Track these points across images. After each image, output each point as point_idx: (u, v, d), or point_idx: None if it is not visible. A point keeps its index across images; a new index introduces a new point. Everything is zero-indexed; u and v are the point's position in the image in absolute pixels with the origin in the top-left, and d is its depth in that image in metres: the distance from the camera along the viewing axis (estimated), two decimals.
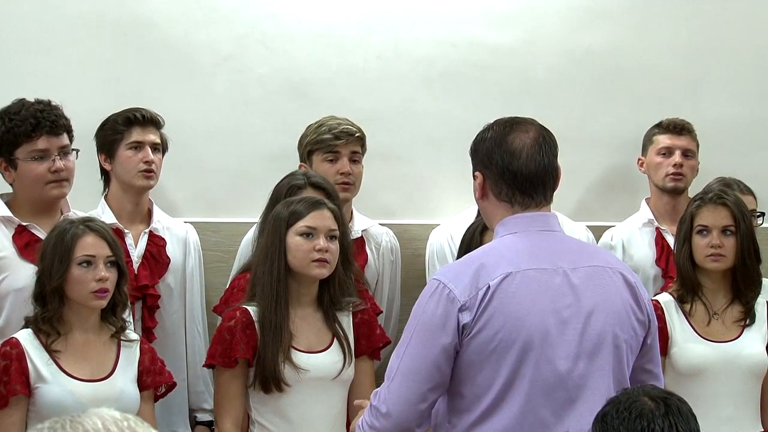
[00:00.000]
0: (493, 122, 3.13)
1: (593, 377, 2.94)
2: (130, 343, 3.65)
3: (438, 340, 2.91)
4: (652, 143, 4.76)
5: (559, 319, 2.92)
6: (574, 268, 2.98)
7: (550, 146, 3.05)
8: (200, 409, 4.34)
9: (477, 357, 2.91)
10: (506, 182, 3.01)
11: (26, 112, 3.91)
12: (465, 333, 2.91)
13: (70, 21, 4.65)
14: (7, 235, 3.93)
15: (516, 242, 2.98)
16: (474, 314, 2.89)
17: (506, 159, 3.01)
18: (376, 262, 4.51)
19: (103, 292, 3.54)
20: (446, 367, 2.93)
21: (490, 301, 2.90)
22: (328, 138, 4.39)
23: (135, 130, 4.20)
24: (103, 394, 3.52)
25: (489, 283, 2.91)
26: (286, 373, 3.62)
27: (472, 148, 3.12)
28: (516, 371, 2.90)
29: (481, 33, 4.96)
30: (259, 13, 4.81)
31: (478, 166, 3.08)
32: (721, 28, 5.14)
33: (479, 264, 2.95)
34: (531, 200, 3.02)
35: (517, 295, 2.91)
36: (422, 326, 2.94)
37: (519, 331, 2.90)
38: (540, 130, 3.07)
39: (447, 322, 2.91)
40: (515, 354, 2.90)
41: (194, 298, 4.34)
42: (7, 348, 3.52)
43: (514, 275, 2.92)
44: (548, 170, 3.04)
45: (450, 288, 2.92)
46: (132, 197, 4.24)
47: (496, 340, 2.89)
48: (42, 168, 3.91)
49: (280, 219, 3.69)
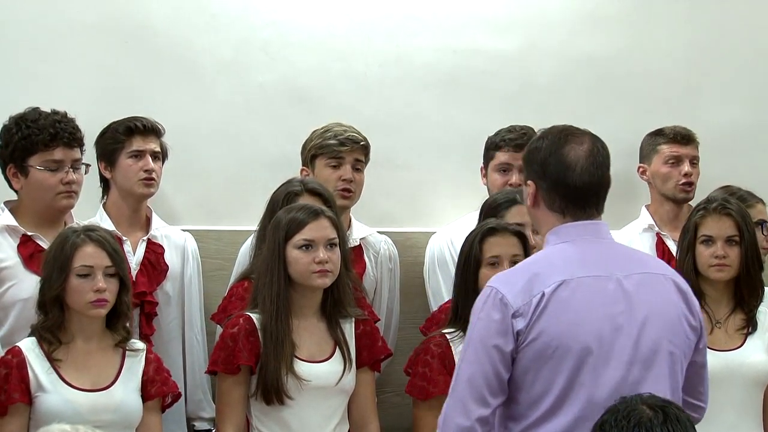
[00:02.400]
0: (547, 131, 3.14)
1: (648, 384, 2.96)
2: (134, 353, 3.65)
3: (495, 345, 2.95)
4: (656, 152, 4.76)
5: (614, 326, 2.96)
6: (627, 275, 3.02)
7: (603, 158, 3.09)
8: (198, 417, 4.34)
9: (533, 364, 2.95)
10: (559, 194, 3.05)
11: (45, 122, 3.93)
12: (520, 340, 2.95)
13: (72, 27, 4.65)
14: (12, 245, 3.94)
15: (568, 250, 3.03)
16: (528, 321, 2.94)
17: (561, 172, 3.04)
18: (374, 270, 4.51)
19: (101, 302, 3.54)
20: (505, 373, 2.96)
21: (544, 308, 2.94)
22: (333, 143, 4.40)
23: (136, 139, 4.21)
24: (101, 404, 3.53)
25: (543, 291, 2.95)
26: (289, 384, 3.63)
27: (525, 156, 3.15)
28: (573, 378, 2.94)
29: (481, 39, 4.97)
30: (261, 20, 4.82)
31: (531, 175, 3.11)
32: (720, 33, 5.15)
33: (533, 272, 2.99)
34: (583, 212, 3.06)
35: (572, 302, 2.95)
36: (479, 333, 2.98)
37: (575, 338, 2.93)
38: (594, 142, 3.10)
39: (503, 327, 2.95)
40: (572, 361, 2.93)
41: (192, 306, 4.35)
42: (8, 356, 3.53)
43: (568, 283, 2.97)
44: (601, 182, 3.08)
45: (503, 293, 2.96)
46: (131, 205, 4.25)
47: (552, 347, 2.93)
48: (55, 179, 3.93)
49: (279, 231, 3.70)
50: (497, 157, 4.56)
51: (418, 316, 4.51)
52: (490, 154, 4.59)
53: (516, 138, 4.54)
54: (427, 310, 4.49)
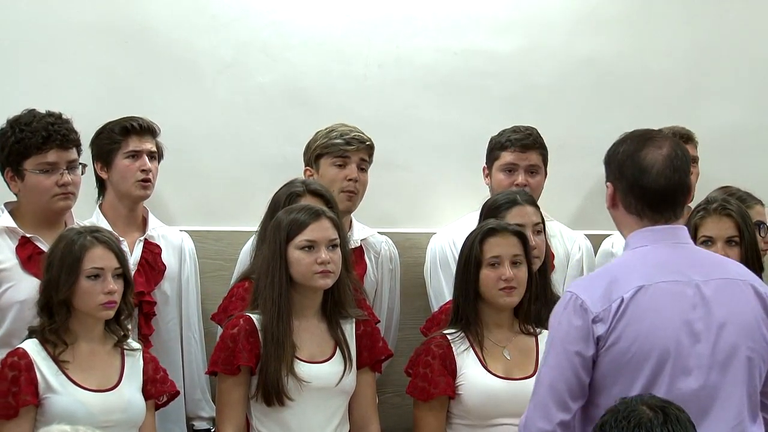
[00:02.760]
0: (629, 134, 3.17)
1: (725, 389, 2.99)
2: (133, 353, 3.66)
3: (576, 350, 2.97)
4: None
5: (692, 331, 2.99)
6: (705, 281, 3.03)
7: (682, 162, 3.09)
8: (197, 416, 4.34)
9: (612, 369, 2.97)
10: (635, 196, 3.07)
11: (38, 124, 3.92)
12: (600, 345, 2.97)
13: (72, 28, 4.66)
14: (10, 246, 3.94)
15: (647, 255, 3.05)
16: (608, 327, 2.96)
17: (636, 174, 3.06)
18: (374, 271, 4.52)
19: (111, 303, 3.55)
20: (585, 377, 2.99)
21: (623, 313, 2.97)
22: (339, 143, 4.40)
23: (132, 139, 4.21)
24: (112, 404, 3.54)
25: (622, 296, 2.98)
26: (289, 385, 3.63)
27: (605, 158, 3.17)
28: (651, 383, 2.96)
29: (481, 40, 4.98)
30: (261, 21, 4.82)
31: (609, 177, 3.13)
32: (721, 35, 5.15)
33: (611, 277, 3.02)
34: (660, 216, 3.07)
35: (651, 307, 2.98)
36: (560, 338, 3.01)
37: (653, 343, 2.96)
38: (674, 147, 3.11)
39: (584, 333, 2.97)
40: (651, 366, 2.96)
41: (190, 306, 4.35)
42: (15, 358, 3.51)
43: (647, 288, 2.99)
44: (678, 187, 3.08)
45: (582, 299, 2.99)
46: (127, 205, 4.25)
47: (631, 352, 2.96)
48: (49, 181, 3.92)
49: (280, 232, 3.70)
50: (503, 157, 4.55)
51: (418, 316, 4.51)
52: (494, 154, 4.58)
53: (522, 138, 4.53)
54: (428, 310, 4.49)
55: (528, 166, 4.52)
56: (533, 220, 4.02)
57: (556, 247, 4.47)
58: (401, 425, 4.30)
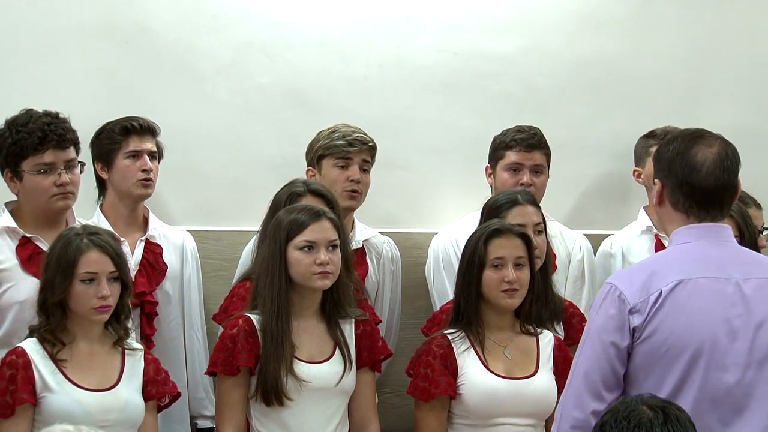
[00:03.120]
0: (679, 133, 3.20)
1: (761, 387, 3.00)
2: (134, 353, 3.66)
3: (611, 340, 3.00)
4: (650, 156, 4.72)
5: (729, 328, 3.00)
6: (746, 279, 3.05)
7: (732, 162, 3.12)
8: (200, 415, 4.34)
9: (646, 361, 3.00)
10: (684, 193, 3.09)
11: (34, 125, 3.91)
12: (635, 336, 3.00)
13: (71, 29, 4.65)
14: (11, 246, 3.94)
15: (689, 251, 3.07)
16: (645, 318, 2.99)
17: (686, 171, 3.08)
18: (376, 272, 4.51)
19: (105, 308, 3.55)
20: (620, 368, 3.01)
21: (661, 306, 2.99)
22: (342, 144, 4.40)
23: (132, 139, 4.20)
24: (109, 404, 3.54)
25: (661, 289, 3.00)
26: (288, 385, 3.62)
27: (655, 155, 3.20)
28: (685, 378, 2.98)
29: (481, 41, 4.97)
30: (261, 22, 4.82)
31: (658, 174, 3.15)
32: (721, 36, 5.15)
33: (652, 270, 3.05)
34: (706, 214, 3.09)
35: (689, 302, 3.00)
36: (596, 328, 3.03)
37: (689, 338, 2.98)
38: (724, 147, 3.13)
39: (620, 322, 3.00)
40: (685, 360, 2.97)
41: (192, 305, 4.35)
42: (13, 357, 3.52)
43: (686, 283, 3.01)
44: (727, 187, 3.11)
45: (621, 290, 3.02)
46: (128, 205, 4.24)
47: (666, 345, 2.98)
48: (47, 181, 3.92)
49: (280, 231, 3.70)
50: (507, 156, 4.55)
51: (419, 316, 4.51)
52: (499, 154, 4.57)
53: (527, 138, 4.53)
54: (429, 310, 4.49)
55: (533, 166, 4.53)
56: (534, 220, 4.02)
57: (557, 247, 4.47)
58: (401, 425, 4.30)
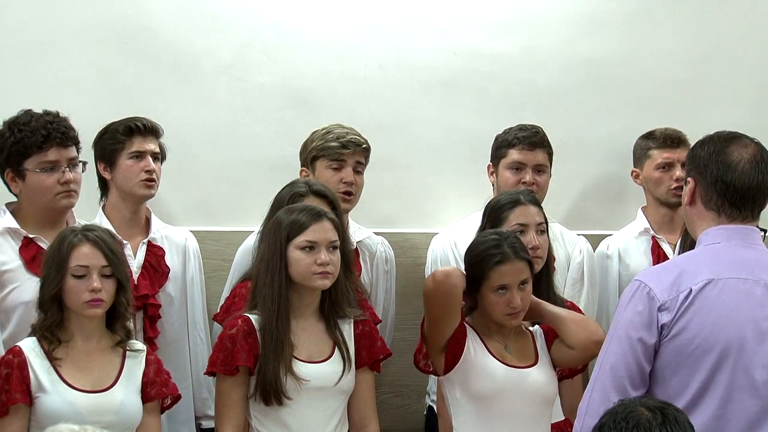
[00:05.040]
0: (714, 134, 3.23)
1: None
2: (135, 354, 3.65)
3: (639, 336, 3.01)
4: (648, 157, 4.74)
5: (758, 330, 3.02)
6: None
7: (766, 165, 3.14)
8: (205, 416, 4.34)
9: (673, 359, 3.01)
10: (717, 192, 3.12)
11: (36, 123, 3.93)
12: (663, 334, 3.01)
13: (71, 29, 4.66)
14: (13, 247, 3.94)
15: (720, 252, 3.09)
16: (673, 316, 3.01)
17: (722, 169, 3.12)
18: (368, 272, 4.50)
19: (96, 302, 3.54)
20: (646, 365, 3.03)
21: (690, 305, 3.01)
22: (335, 146, 4.39)
23: (136, 140, 4.20)
24: (102, 405, 3.52)
25: (691, 287, 3.02)
26: (287, 385, 3.62)
27: (689, 154, 3.24)
28: (711, 377, 3.00)
29: (481, 41, 4.98)
30: (261, 22, 4.82)
31: (692, 172, 3.18)
32: (721, 36, 5.15)
33: (681, 269, 3.07)
34: (738, 213, 3.12)
35: (718, 302, 3.02)
36: (624, 324, 3.05)
37: (717, 337, 2.99)
38: (759, 149, 3.17)
39: (648, 319, 3.02)
40: (712, 360, 2.99)
41: (195, 306, 4.35)
42: (10, 356, 3.52)
43: (716, 282, 3.03)
44: (761, 187, 3.14)
45: (650, 287, 3.04)
46: (131, 206, 4.24)
47: (694, 344, 3.00)
48: (51, 179, 3.93)
49: (281, 231, 3.70)
50: (510, 155, 4.55)
51: (417, 316, 4.46)
52: (501, 152, 4.57)
53: (530, 136, 4.53)
54: None
55: (535, 164, 4.53)
56: (536, 219, 4.01)
57: (556, 249, 4.46)
58: (401, 425, 4.30)
